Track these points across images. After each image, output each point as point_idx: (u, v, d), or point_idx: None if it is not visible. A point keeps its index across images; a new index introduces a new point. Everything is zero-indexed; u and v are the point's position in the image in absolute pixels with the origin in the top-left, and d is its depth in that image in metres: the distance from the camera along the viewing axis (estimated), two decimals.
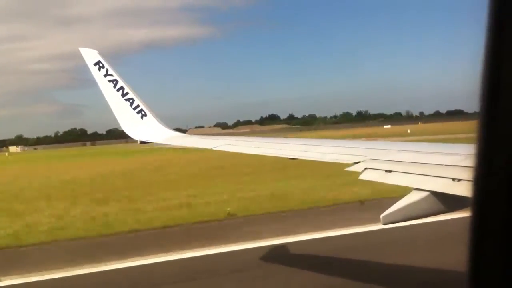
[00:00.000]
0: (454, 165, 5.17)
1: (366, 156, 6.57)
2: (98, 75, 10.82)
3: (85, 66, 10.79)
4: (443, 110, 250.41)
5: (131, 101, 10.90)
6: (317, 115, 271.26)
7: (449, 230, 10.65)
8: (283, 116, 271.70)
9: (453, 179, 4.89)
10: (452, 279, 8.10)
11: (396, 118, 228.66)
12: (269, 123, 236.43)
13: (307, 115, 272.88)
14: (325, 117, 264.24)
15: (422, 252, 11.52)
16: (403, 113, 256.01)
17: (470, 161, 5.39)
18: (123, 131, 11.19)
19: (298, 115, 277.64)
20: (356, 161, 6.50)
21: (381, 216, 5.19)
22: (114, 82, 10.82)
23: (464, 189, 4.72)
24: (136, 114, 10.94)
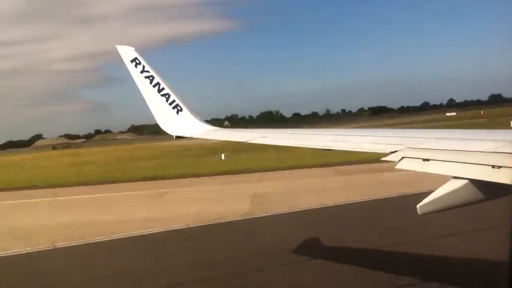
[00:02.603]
0: (493, 152, 5.06)
1: (403, 145, 6.47)
2: (134, 72, 11.02)
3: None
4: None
5: (167, 96, 11.07)
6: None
7: None
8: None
9: (493, 166, 4.79)
10: None
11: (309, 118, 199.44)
12: None
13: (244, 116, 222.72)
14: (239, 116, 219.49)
15: None
16: (320, 113, 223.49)
17: (510, 147, 5.26)
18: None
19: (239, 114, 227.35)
20: (393, 150, 6.41)
21: (418, 206, 5.09)
22: (150, 78, 11.01)
23: (504, 176, 4.61)
24: (172, 109, 11.11)
